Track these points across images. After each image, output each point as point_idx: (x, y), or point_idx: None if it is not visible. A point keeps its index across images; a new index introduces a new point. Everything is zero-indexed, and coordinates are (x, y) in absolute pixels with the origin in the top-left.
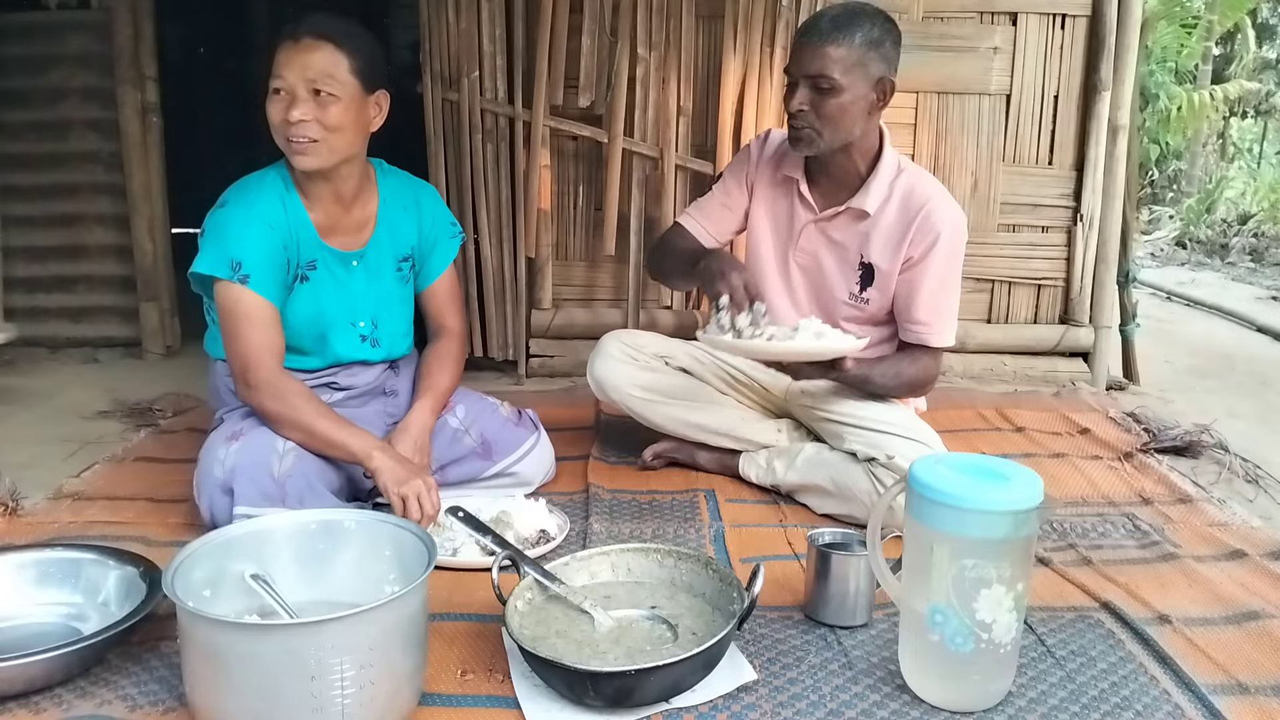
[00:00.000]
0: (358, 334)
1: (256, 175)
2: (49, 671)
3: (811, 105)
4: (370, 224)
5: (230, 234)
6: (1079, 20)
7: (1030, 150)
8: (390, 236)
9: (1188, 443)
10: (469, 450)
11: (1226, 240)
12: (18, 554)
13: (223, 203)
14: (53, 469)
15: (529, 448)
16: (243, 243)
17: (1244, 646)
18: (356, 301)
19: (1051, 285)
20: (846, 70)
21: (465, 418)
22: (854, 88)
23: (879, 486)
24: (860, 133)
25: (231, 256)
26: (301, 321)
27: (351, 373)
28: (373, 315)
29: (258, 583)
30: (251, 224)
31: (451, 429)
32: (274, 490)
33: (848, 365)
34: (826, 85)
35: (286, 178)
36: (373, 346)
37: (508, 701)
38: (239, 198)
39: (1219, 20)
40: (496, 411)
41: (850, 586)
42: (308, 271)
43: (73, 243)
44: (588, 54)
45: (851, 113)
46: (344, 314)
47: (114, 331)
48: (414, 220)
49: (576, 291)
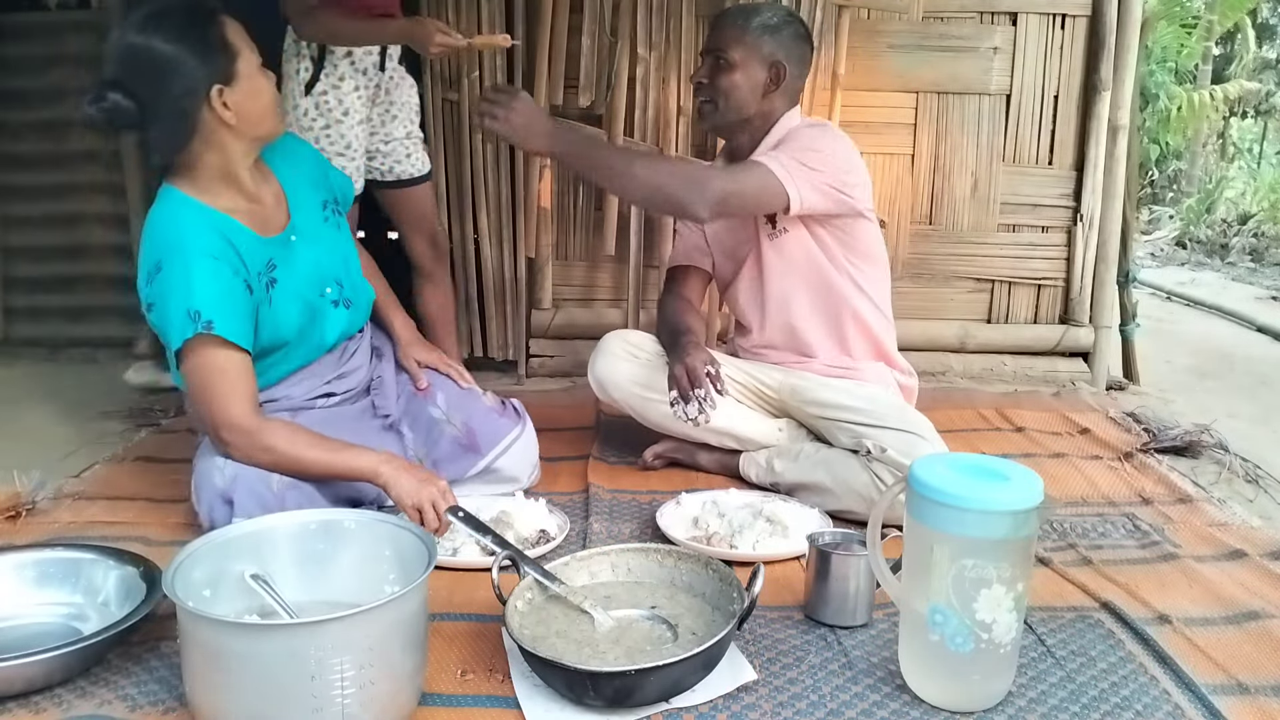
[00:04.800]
0: (330, 303)
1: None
2: (49, 671)
3: (710, 78)
4: (281, 194)
5: (177, 286)
6: (1079, 20)
7: (1030, 150)
8: (304, 191)
9: (1188, 443)
10: (453, 442)
11: (1226, 240)
12: (18, 554)
13: (156, 265)
14: (53, 469)
15: (515, 437)
16: (192, 289)
17: (1244, 646)
18: (316, 272)
19: (1051, 285)
20: (743, 49)
21: (446, 407)
22: (746, 65)
23: (877, 480)
24: (754, 112)
25: (187, 308)
26: (294, 325)
27: (343, 374)
28: (334, 276)
29: (258, 583)
30: (193, 265)
31: (433, 419)
32: (273, 502)
33: None
34: (724, 62)
35: (185, 198)
36: (347, 308)
37: (508, 701)
38: (166, 249)
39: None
40: (480, 400)
41: (850, 586)
42: (271, 275)
43: (73, 243)
44: (588, 54)
45: (743, 89)
46: (315, 291)
47: (114, 331)
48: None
49: (576, 291)
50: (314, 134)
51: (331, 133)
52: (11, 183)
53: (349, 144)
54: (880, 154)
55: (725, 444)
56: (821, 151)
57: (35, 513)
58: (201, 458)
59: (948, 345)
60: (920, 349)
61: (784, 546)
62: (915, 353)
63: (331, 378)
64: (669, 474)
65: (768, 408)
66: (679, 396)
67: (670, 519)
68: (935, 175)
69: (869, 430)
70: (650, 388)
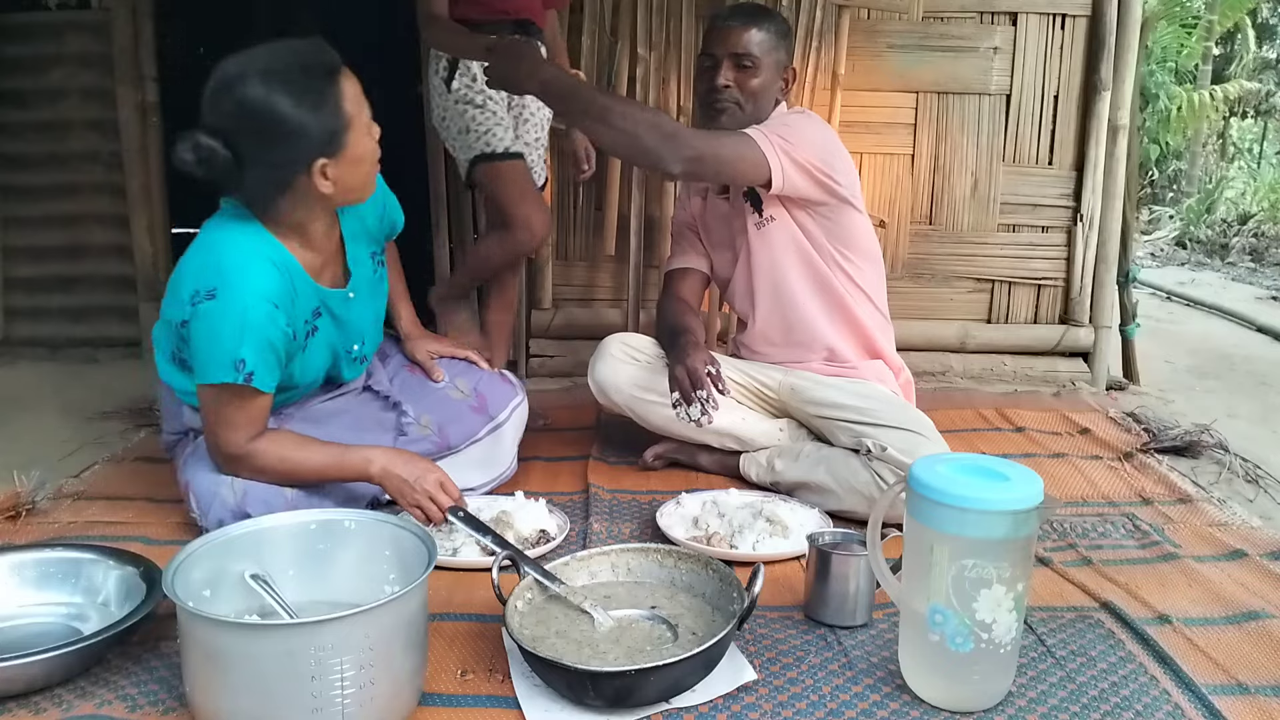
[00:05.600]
0: (354, 359)
1: (233, 242)
2: (49, 671)
3: (735, 81)
4: (341, 246)
5: (229, 326)
6: (1079, 20)
7: (1030, 150)
8: (362, 243)
9: (1188, 443)
10: (464, 406)
11: (1226, 240)
12: (18, 554)
13: (211, 291)
14: (53, 469)
15: (518, 402)
16: (244, 336)
17: (1244, 646)
18: (354, 331)
19: (1051, 285)
20: (765, 52)
21: (451, 375)
22: (768, 70)
23: (878, 479)
24: (764, 117)
25: (234, 356)
26: (317, 368)
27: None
28: (363, 334)
29: (257, 583)
30: (251, 309)
31: (437, 388)
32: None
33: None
34: (749, 63)
35: (256, 225)
36: (361, 363)
37: (508, 701)
38: (226, 279)
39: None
40: (478, 369)
41: (850, 586)
42: (315, 321)
43: (73, 243)
44: (588, 54)
45: (769, 90)
46: (344, 347)
47: (114, 331)
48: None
49: (576, 291)
50: (464, 120)
51: (484, 111)
52: (11, 183)
53: (500, 118)
54: (880, 154)
55: (726, 445)
56: (805, 132)
57: (35, 513)
58: (198, 469)
59: (948, 345)
60: (920, 349)
61: (784, 546)
62: (915, 353)
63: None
64: (669, 474)
65: (768, 408)
66: (681, 398)
67: (670, 519)
68: (935, 175)
69: (870, 429)
70: (650, 390)
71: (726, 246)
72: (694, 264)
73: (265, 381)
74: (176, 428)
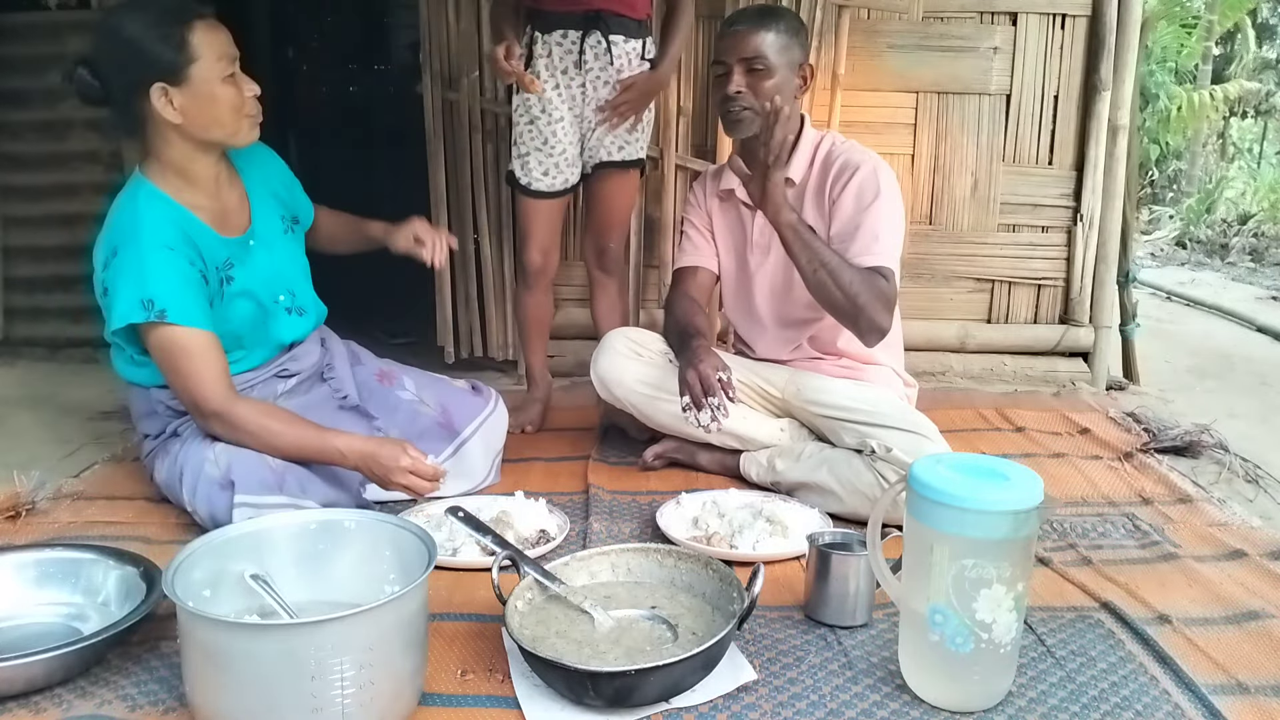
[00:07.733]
0: (284, 309)
1: (127, 205)
2: (49, 671)
3: (748, 87)
4: (245, 198)
5: (130, 274)
6: (1079, 20)
7: (1030, 150)
8: (267, 200)
9: (1188, 443)
10: (431, 422)
11: (1226, 240)
12: (18, 554)
13: (112, 250)
14: (53, 469)
15: (488, 413)
16: (146, 278)
17: (1244, 646)
18: (271, 278)
19: (1051, 285)
20: (777, 53)
21: (415, 389)
22: (782, 70)
23: (881, 480)
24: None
25: (140, 296)
26: (244, 321)
27: (294, 356)
28: (288, 285)
29: (257, 583)
30: (148, 255)
31: (405, 401)
32: (272, 480)
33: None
34: (761, 66)
35: (151, 188)
36: (300, 315)
37: (508, 701)
38: (123, 237)
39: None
40: (448, 383)
41: (850, 586)
42: (228, 272)
43: (73, 243)
44: None
45: (786, 92)
46: (269, 296)
47: None
48: (268, 174)
49: (576, 291)
50: (519, 129)
51: (533, 129)
52: (11, 183)
53: (545, 140)
54: (880, 154)
55: (727, 444)
56: (898, 222)
57: (35, 513)
58: (186, 460)
59: (948, 345)
60: (920, 349)
61: (784, 546)
62: (915, 353)
63: (284, 360)
64: (669, 474)
65: (770, 408)
66: (691, 402)
67: (670, 519)
68: (935, 175)
69: (874, 430)
70: (655, 386)
71: (732, 245)
72: (704, 262)
73: (182, 315)
74: (156, 427)
